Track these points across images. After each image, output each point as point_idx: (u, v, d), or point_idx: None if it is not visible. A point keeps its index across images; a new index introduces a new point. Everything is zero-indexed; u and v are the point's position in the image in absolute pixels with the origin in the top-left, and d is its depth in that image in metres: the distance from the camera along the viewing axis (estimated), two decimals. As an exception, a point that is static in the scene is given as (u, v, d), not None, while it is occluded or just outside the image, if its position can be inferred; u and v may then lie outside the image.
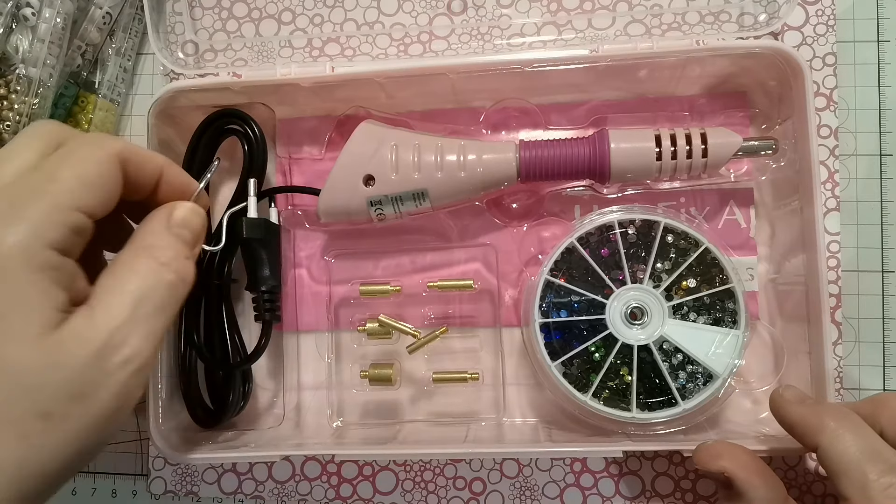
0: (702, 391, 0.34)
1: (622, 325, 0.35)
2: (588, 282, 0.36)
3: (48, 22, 0.38)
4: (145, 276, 0.26)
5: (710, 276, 0.35)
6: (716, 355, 0.34)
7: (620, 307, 0.35)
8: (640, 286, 0.35)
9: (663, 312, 0.35)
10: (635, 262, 0.36)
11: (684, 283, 0.35)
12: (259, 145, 0.39)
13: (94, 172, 0.26)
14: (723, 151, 0.35)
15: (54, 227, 0.24)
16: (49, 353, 0.23)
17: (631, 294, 0.35)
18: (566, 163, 0.36)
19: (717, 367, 0.34)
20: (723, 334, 0.35)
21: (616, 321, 0.35)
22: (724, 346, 0.34)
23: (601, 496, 0.40)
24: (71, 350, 0.24)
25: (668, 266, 0.35)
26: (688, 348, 0.35)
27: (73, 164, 0.25)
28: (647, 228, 0.36)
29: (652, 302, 0.35)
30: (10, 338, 0.23)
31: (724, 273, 0.35)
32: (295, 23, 0.43)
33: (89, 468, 0.44)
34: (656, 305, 0.35)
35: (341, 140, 0.39)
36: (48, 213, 0.24)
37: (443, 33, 0.42)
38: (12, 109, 0.38)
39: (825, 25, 0.40)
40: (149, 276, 0.26)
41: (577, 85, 0.39)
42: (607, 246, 0.36)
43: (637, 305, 0.35)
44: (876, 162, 0.40)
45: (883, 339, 0.40)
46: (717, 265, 0.35)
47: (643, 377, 0.35)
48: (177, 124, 0.40)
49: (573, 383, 0.35)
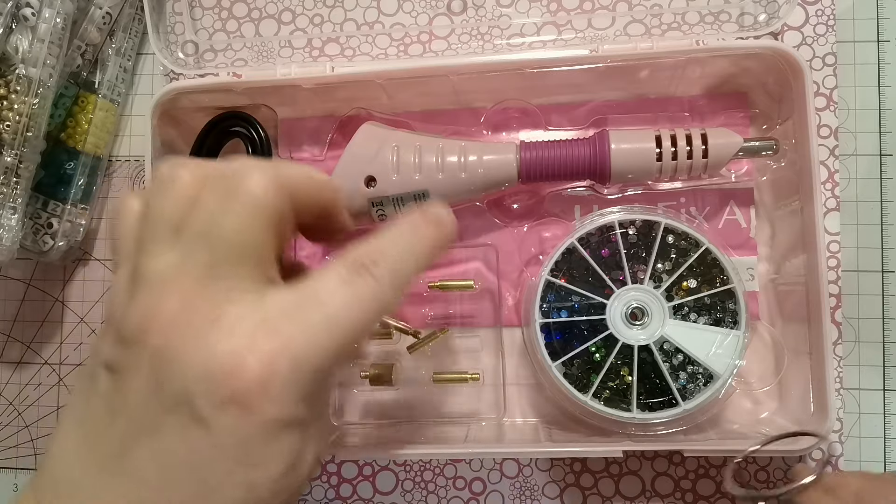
0: (702, 392, 0.34)
1: (623, 326, 0.35)
2: (588, 282, 0.36)
3: (48, 22, 0.38)
4: (357, 289, 0.24)
5: (711, 276, 0.35)
6: (716, 356, 0.34)
7: (621, 307, 0.35)
8: (641, 286, 0.35)
9: (664, 313, 0.35)
10: (636, 262, 0.36)
11: (685, 284, 0.35)
12: (263, 148, 0.39)
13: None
14: (723, 152, 0.35)
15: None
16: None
17: (631, 294, 0.35)
18: (567, 163, 0.36)
19: (717, 368, 0.34)
20: (723, 335, 0.35)
21: (616, 321, 0.35)
22: (725, 346, 0.34)
23: (601, 496, 0.40)
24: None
25: (668, 266, 0.36)
26: (688, 349, 0.35)
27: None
28: (648, 229, 0.36)
29: (652, 302, 0.35)
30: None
31: (725, 273, 0.35)
32: (295, 23, 0.43)
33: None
34: (657, 306, 0.35)
35: (343, 140, 0.39)
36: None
37: (443, 33, 0.42)
38: (12, 109, 0.38)
39: (825, 25, 0.40)
40: (365, 290, 0.24)
41: (578, 85, 0.39)
42: (608, 246, 0.36)
43: (637, 306, 0.35)
44: (876, 162, 0.40)
45: (883, 339, 0.40)
46: (718, 265, 0.35)
47: (644, 377, 0.35)
48: (179, 125, 0.40)
49: (573, 383, 0.35)
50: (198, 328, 0.21)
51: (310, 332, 0.22)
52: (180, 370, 0.21)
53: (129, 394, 0.22)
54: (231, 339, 0.21)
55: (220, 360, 0.21)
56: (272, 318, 0.22)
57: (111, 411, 0.22)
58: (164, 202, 0.23)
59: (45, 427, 0.44)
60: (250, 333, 0.21)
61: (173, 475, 0.21)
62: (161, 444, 0.21)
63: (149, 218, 0.23)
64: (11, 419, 0.45)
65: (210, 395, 0.21)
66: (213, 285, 0.22)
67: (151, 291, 0.22)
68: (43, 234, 0.42)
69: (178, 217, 0.23)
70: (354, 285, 0.23)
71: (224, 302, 0.22)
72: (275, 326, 0.21)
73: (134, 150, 0.45)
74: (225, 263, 0.22)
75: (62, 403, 0.44)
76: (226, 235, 0.22)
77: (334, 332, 0.22)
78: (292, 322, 0.22)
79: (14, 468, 0.45)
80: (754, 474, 0.39)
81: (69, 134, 0.42)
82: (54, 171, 0.42)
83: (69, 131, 0.42)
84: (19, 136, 0.38)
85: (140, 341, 0.21)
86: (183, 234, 0.22)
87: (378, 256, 0.24)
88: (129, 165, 0.45)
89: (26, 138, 0.39)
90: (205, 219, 0.22)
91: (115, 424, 0.22)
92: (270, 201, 0.23)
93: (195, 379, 0.21)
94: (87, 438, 0.22)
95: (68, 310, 0.45)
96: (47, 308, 0.45)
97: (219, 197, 0.23)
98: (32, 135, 0.39)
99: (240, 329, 0.21)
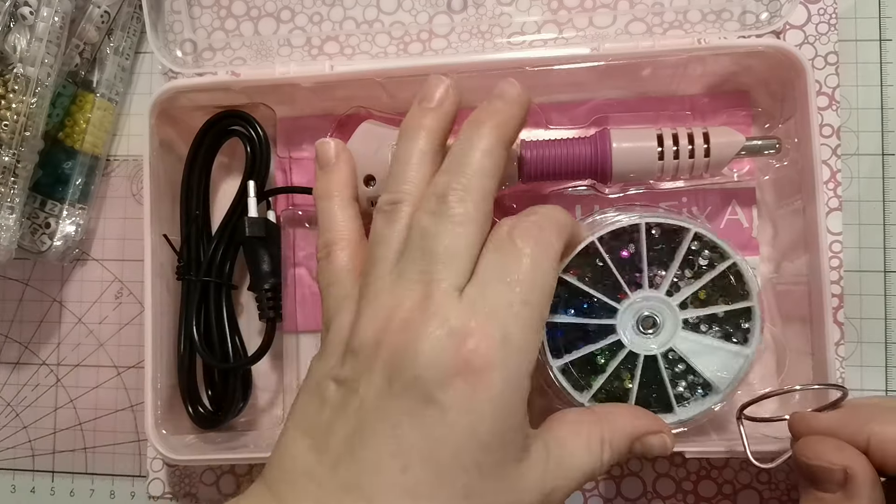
0: (701, 402, 0.33)
1: (632, 333, 0.34)
2: (602, 283, 0.34)
3: (46, 21, 0.38)
4: (591, 458, 0.28)
5: (730, 290, 0.34)
6: (721, 371, 0.33)
7: (633, 314, 0.34)
8: (656, 293, 0.34)
9: (676, 324, 0.33)
10: (656, 267, 0.34)
11: (701, 294, 0.34)
12: (262, 147, 0.39)
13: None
14: (726, 151, 0.35)
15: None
16: (514, 483, 0.25)
17: (644, 302, 0.33)
18: (568, 163, 0.36)
19: (720, 385, 0.33)
20: (732, 352, 0.33)
21: (626, 328, 0.33)
22: (731, 363, 0.33)
23: (602, 497, 0.40)
24: (526, 486, 0.25)
25: (689, 275, 0.34)
26: (695, 363, 0.33)
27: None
28: (673, 234, 0.34)
29: (665, 311, 0.33)
30: (499, 463, 0.25)
31: (747, 289, 0.33)
32: (294, 21, 0.42)
33: (87, 469, 0.44)
34: (670, 315, 0.33)
35: (342, 140, 0.38)
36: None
37: (443, 32, 0.42)
38: (10, 109, 0.38)
39: (827, 24, 0.40)
40: (594, 458, 0.28)
41: (579, 84, 0.39)
42: (627, 248, 0.34)
43: (649, 314, 0.33)
44: (878, 161, 0.40)
45: (885, 340, 0.39)
46: (742, 280, 0.33)
47: (644, 386, 0.34)
48: (177, 125, 0.40)
49: (573, 383, 0.34)
50: (419, 325, 0.25)
51: (510, 312, 0.26)
52: (410, 362, 0.24)
53: (363, 398, 0.25)
54: (447, 324, 0.25)
55: (442, 342, 0.24)
56: (478, 308, 0.25)
57: (344, 417, 0.25)
58: (388, 232, 0.28)
59: (42, 428, 0.44)
60: (465, 318, 0.25)
61: (406, 460, 0.23)
62: (395, 431, 0.24)
63: (374, 252, 0.28)
64: (9, 420, 0.44)
65: (438, 374, 0.24)
66: (425, 290, 0.26)
67: (380, 307, 0.26)
68: (40, 234, 0.42)
69: (399, 243, 0.28)
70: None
71: (436, 301, 0.25)
72: (483, 312, 0.25)
73: (132, 150, 0.45)
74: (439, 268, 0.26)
75: (60, 404, 0.44)
76: (437, 250, 0.26)
77: (534, 308, 0.26)
78: (495, 307, 0.26)
79: (12, 469, 0.44)
80: (756, 475, 0.39)
81: (67, 133, 0.42)
82: (52, 171, 0.42)
83: (67, 130, 0.42)
84: (17, 136, 0.38)
85: (373, 350, 0.25)
86: (403, 256, 0.27)
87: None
88: (128, 165, 0.44)
89: (24, 138, 0.39)
90: (420, 237, 0.27)
91: (346, 428, 0.25)
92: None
93: (424, 365, 0.24)
94: (316, 442, 0.25)
95: (66, 310, 0.44)
96: (45, 308, 0.45)
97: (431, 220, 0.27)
98: (30, 134, 0.39)
99: (454, 317, 0.25)
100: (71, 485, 0.44)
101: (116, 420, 0.44)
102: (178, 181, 0.40)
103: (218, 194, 0.42)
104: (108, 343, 0.44)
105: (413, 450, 0.24)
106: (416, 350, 0.24)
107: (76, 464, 0.44)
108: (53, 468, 0.44)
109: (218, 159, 0.41)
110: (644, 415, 0.31)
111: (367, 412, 0.24)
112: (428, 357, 0.24)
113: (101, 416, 0.44)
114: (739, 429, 0.32)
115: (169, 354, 0.39)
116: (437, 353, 0.24)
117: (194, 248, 0.39)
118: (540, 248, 0.27)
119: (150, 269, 0.37)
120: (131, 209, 0.44)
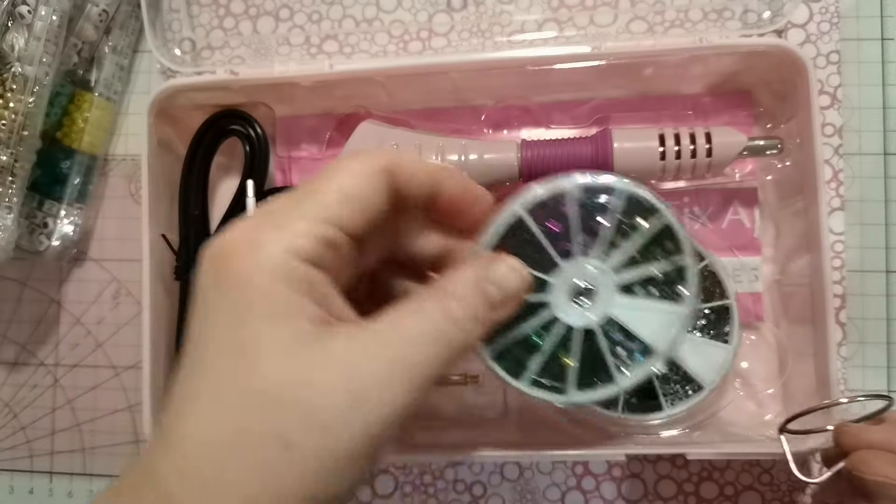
0: (640, 366, 0.30)
1: (567, 305, 0.30)
2: (531, 257, 0.29)
3: (44, 20, 0.38)
4: (427, 324, 0.24)
5: (666, 249, 0.30)
6: (660, 332, 0.30)
7: (566, 285, 0.30)
8: (588, 260, 0.30)
9: (612, 290, 0.30)
10: (586, 234, 0.30)
11: (637, 256, 0.30)
12: (261, 147, 0.39)
13: (352, 185, 0.24)
14: (728, 151, 0.35)
15: (304, 238, 0.23)
16: (299, 370, 0.21)
17: (576, 269, 0.30)
18: (569, 162, 0.36)
19: (658, 345, 0.30)
20: (669, 312, 0.30)
21: (560, 301, 0.30)
22: (671, 324, 0.30)
23: (603, 499, 0.40)
24: (322, 372, 0.21)
25: (621, 238, 0.30)
26: (634, 328, 0.30)
27: (332, 176, 0.24)
28: (602, 196, 0.29)
29: (600, 279, 0.30)
30: (257, 351, 0.21)
31: (678, 245, 0.30)
32: (293, 20, 0.42)
33: (85, 470, 0.43)
34: (605, 283, 0.30)
35: (341, 139, 0.38)
36: (298, 224, 0.23)
37: (442, 30, 0.41)
38: (8, 108, 0.38)
39: (829, 23, 0.40)
40: (431, 325, 0.24)
41: (580, 83, 0.39)
42: (556, 218, 0.30)
43: (585, 285, 0.30)
44: (880, 161, 0.40)
45: (887, 340, 0.39)
46: (674, 238, 0.30)
47: (586, 361, 0.30)
48: (176, 124, 0.39)
49: (506, 369, 0.30)
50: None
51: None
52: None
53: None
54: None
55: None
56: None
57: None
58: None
59: (40, 428, 0.44)
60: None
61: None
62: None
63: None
64: (7, 420, 0.44)
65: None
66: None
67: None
68: (38, 234, 0.42)
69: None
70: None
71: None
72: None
73: (130, 149, 0.44)
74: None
75: (58, 405, 0.44)
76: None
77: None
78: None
79: (10, 470, 0.44)
80: (758, 477, 0.39)
81: (65, 132, 0.42)
82: (50, 171, 0.42)
83: (65, 130, 0.42)
84: (15, 135, 0.38)
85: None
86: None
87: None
88: (126, 164, 0.44)
89: (22, 137, 0.38)
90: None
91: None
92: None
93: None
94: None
95: (64, 310, 0.44)
96: (43, 309, 0.44)
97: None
98: (28, 133, 0.39)
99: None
100: (69, 485, 0.44)
101: (115, 420, 0.43)
102: (176, 181, 0.40)
103: (217, 194, 0.41)
104: (107, 343, 0.44)
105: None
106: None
107: (74, 464, 0.44)
108: (51, 469, 0.44)
109: (217, 159, 0.41)
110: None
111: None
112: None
113: (100, 417, 0.44)
114: (782, 443, 0.31)
115: (167, 355, 0.38)
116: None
117: (193, 249, 0.39)
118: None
119: (148, 269, 0.37)
120: (129, 209, 0.44)
